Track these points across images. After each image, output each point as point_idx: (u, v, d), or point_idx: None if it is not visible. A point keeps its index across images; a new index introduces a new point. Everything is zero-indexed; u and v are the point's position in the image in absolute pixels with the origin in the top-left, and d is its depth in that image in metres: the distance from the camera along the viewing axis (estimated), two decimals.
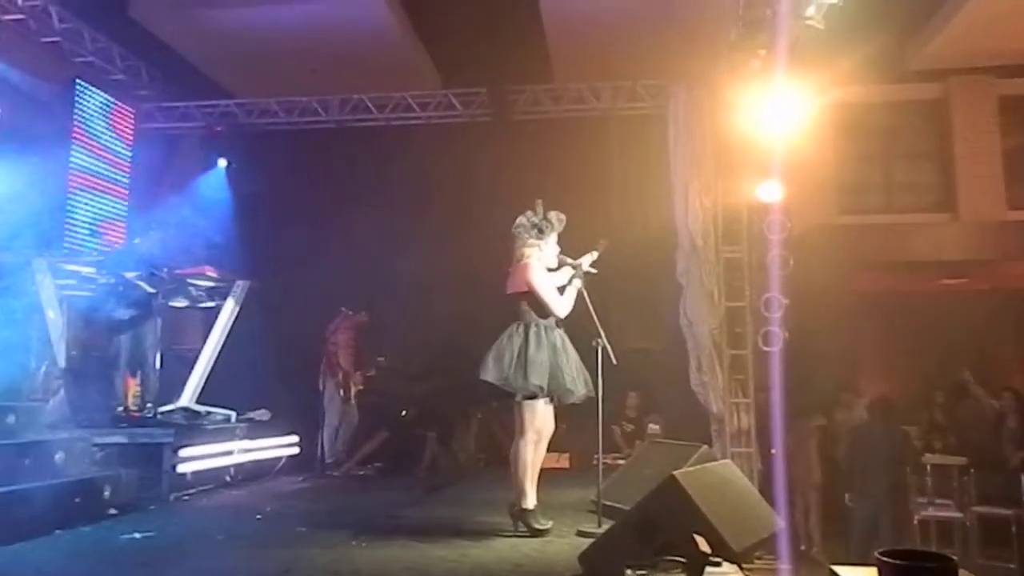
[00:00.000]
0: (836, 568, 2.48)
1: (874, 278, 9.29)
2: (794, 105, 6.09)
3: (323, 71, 8.50)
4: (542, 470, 4.91)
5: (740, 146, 6.82)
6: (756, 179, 6.88)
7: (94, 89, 7.45)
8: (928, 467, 6.33)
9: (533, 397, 4.54)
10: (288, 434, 7.56)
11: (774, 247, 6.74)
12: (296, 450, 7.61)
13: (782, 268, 6.71)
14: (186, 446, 6.04)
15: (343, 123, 8.14)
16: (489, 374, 4.55)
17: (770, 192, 6.85)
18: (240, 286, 7.34)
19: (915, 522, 6.18)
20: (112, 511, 5.22)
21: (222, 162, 8.52)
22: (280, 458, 7.39)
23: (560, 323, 4.83)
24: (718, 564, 3.03)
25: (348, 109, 8.14)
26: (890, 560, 1.93)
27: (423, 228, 8.18)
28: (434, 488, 6.53)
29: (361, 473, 7.52)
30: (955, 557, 1.98)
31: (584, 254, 5.03)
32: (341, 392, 7.64)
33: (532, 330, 4.60)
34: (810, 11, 5.32)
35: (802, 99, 6.13)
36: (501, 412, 6.39)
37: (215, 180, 8.52)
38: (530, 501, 4.66)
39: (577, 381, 4.62)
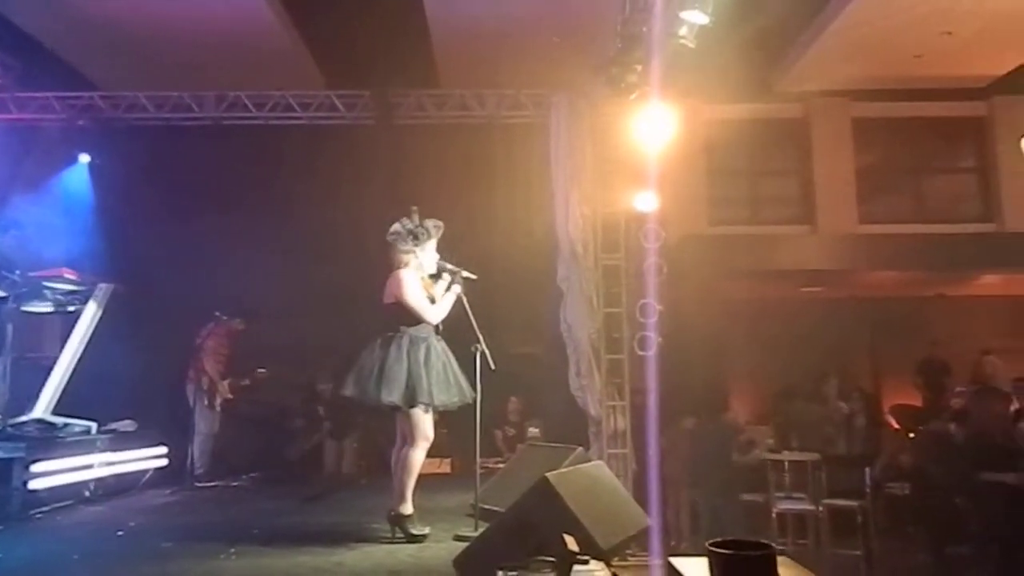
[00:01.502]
0: (673, 560, 2.63)
1: (741, 286, 9.84)
2: (668, 120, 6.36)
3: (198, 65, 8.17)
4: (424, 475, 4.94)
5: (618, 157, 7.05)
6: (634, 189, 7.12)
7: None
8: (786, 463, 6.75)
9: (396, 409, 4.57)
10: (156, 445, 7.20)
11: (650, 255, 6.99)
12: (164, 462, 7.26)
13: (657, 275, 6.97)
14: (39, 460, 5.66)
15: (219, 120, 7.81)
16: (348, 389, 4.59)
17: (646, 202, 7.11)
18: (103, 289, 6.93)
19: (774, 515, 6.57)
20: None
21: (84, 157, 8.01)
22: (146, 471, 7.03)
23: (439, 330, 4.86)
24: (585, 562, 3.13)
25: (224, 106, 7.81)
26: (717, 550, 2.08)
27: (303, 232, 8.01)
28: (311, 496, 6.39)
29: (235, 484, 7.26)
30: (774, 545, 2.13)
31: (466, 261, 5.10)
32: (206, 400, 7.36)
33: (395, 343, 4.63)
34: (682, 31, 5.56)
35: (675, 114, 6.41)
36: (383, 418, 6.35)
37: (76, 176, 8.00)
38: (408, 507, 4.66)
39: (438, 393, 4.64)
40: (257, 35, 7.92)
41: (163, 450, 7.27)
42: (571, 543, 3.16)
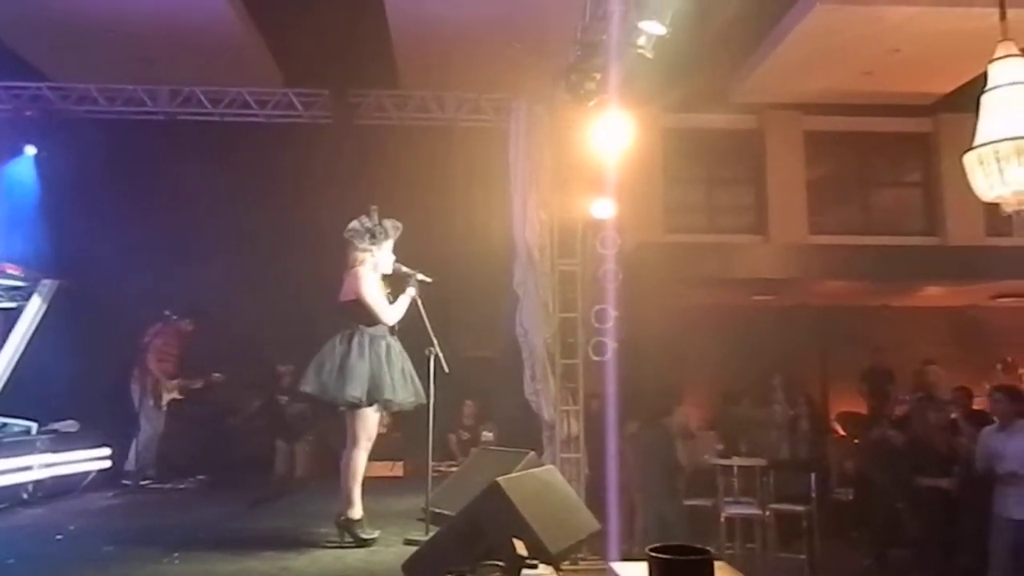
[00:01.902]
0: (614, 565, 2.66)
1: (696, 293, 9.97)
2: (626, 128, 6.42)
3: (152, 59, 8.02)
4: (376, 478, 4.93)
5: (577, 164, 7.09)
6: (591, 196, 7.16)
7: None
8: (735, 468, 6.87)
9: (357, 406, 4.52)
10: (99, 446, 7.01)
11: (606, 261, 7.05)
12: (107, 464, 7.08)
13: (613, 282, 7.03)
14: None
15: (173, 116, 7.67)
16: (308, 385, 4.52)
17: (604, 209, 7.17)
18: (47, 285, 6.76)
19: (722, 519, 6.68)
20: None
21: (30, 149, 7.78)
22: (89, 472, 6.84)
23: (394, 331, 4.84)
24: (534, 566, 3.15)
25: (179, 101, 7.68)
26: (656, 555, 2.11)
27: (258, 232, 7.90)
28: (260, 500, 6.29)
29: (182, 487, 7.11)
30: (712, 550, 2.18)
31: (423, 263, 5.09)
32: (151, 400, 7.20)
33: (356, 339, 4.59)
34: (641, 40, 5.61)
35: (633, 122, 6.48)
36: (338, 419, 6.30)
37: (22, 169, 7.77)
38: (357, 511, 4.62)
39: (399, 390, 4.62)
40: (214, 30, 7.79)
41: (106, 451, 7.09)
42: (520, 548, 3.17)
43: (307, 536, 4.81)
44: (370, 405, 4.55)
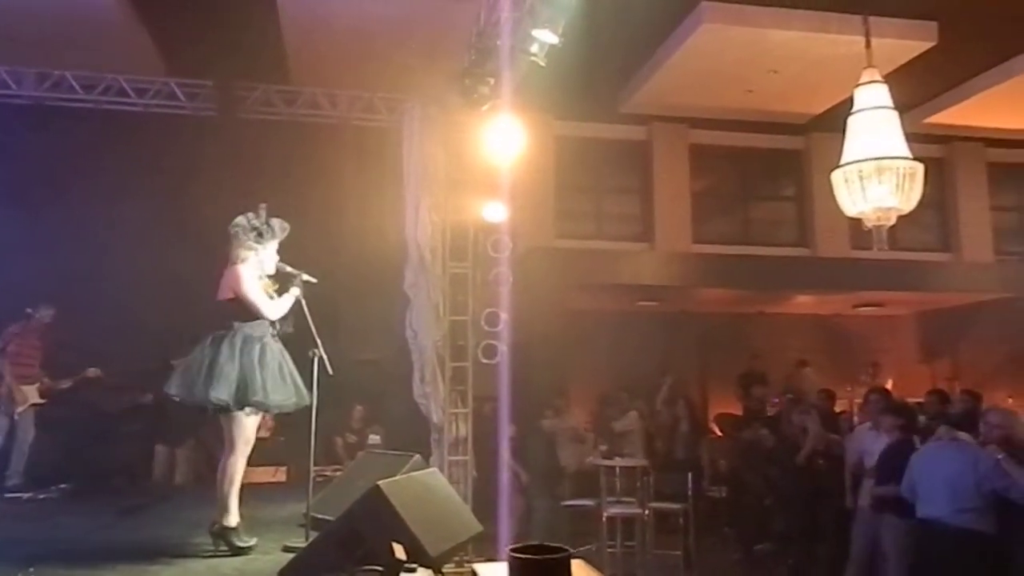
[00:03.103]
0: (476, 566, 2.71)
1: (584, 297, 10.21)
2: (518, 133, 6.50)
3: (18, 38, 7.44)
4: (258, 484, 4.78)
5: (470, 167, 7.12)
6: (483, 199, 7.20)
7: None
8: (617, 469, 7.08)
9: (224, 409, 4.37)
10: None
11: (498, 265, 7.10)
12: None
13: (504, 285, 7.10)
14: None
15: (39, 100, 7.19)
16: (172, 387, 4.35)
17: (495, 213, 7.22)
18: None
19: (604, 518, 6.87)
20: None
21: None
22: None
23: (278, 334, 4.71)
24: (413, 570, 3.14)
25: (47, 85, 7.20)
26: (515, 555, 2.17)
27: (133, 224, 7.51)
28: (132, 508, 5.97)
29: (43, 496, 6.65)
30: (569, 548, 2.25)
31: (312, 263, 4.99)
32: (2, 407, 6.71)
33: (227, 341, 4.44)
34: (534, 48, 5.71)
35: (526, 129, 6.57)
36: (216, 424, 6.06)
37: None
38: (233, 518, 4.47)
39: (271, 392, 4.47)
40: (88, 9, 7.33)
41: None
42: (399, 551, 3.16)
43: (180, 546, 4.61)
44: (240, 408, 4.40)
